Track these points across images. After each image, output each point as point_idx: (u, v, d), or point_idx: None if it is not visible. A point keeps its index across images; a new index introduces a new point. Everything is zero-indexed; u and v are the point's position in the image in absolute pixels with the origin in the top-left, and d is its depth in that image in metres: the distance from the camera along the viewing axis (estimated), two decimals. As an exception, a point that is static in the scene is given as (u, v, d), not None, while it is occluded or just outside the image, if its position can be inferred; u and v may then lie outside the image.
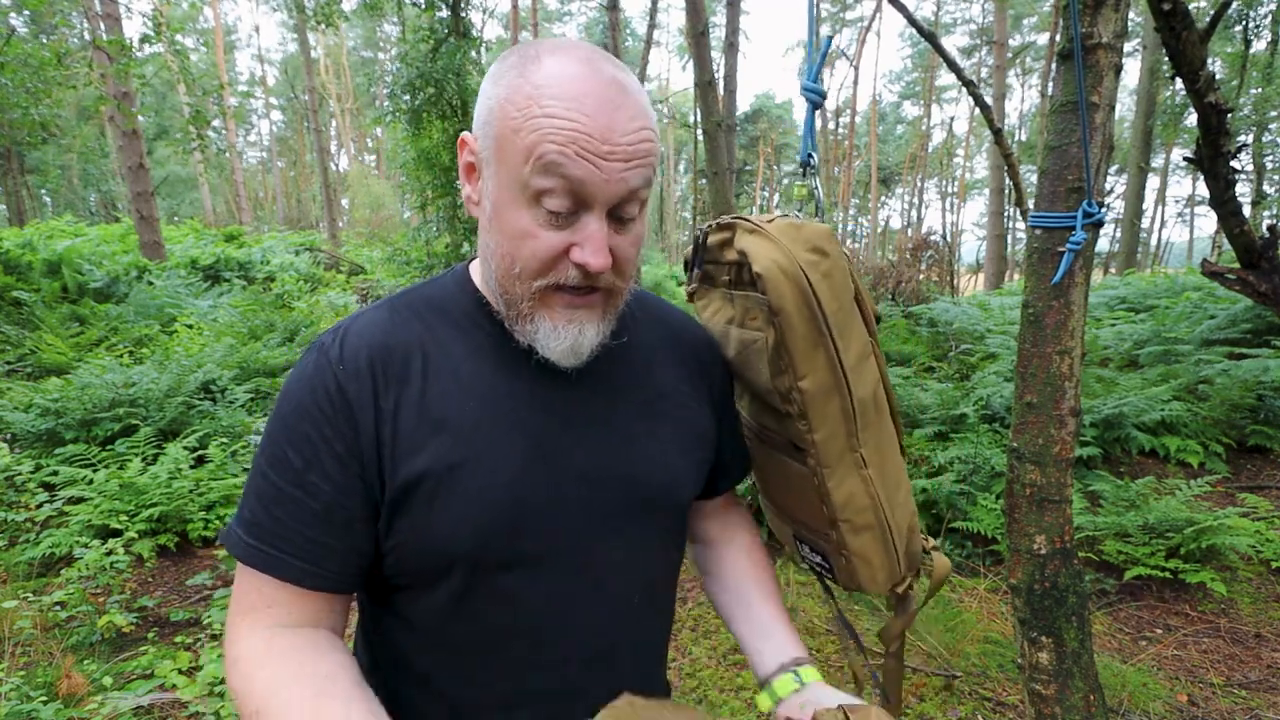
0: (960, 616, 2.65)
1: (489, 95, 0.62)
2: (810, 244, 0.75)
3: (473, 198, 0.67)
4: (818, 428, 0.78)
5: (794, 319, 0.74)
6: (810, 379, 0.76)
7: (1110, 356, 5.43)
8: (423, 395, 0.65)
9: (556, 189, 0.59)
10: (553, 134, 0.58)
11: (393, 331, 0.68)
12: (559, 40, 0.63)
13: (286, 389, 0.66)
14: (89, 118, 19.28)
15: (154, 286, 7.87)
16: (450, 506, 0.63)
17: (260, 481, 0.64)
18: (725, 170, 6.00)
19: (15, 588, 2.89)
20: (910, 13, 2.29)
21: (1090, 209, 1.26)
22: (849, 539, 0.83)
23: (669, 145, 40.14)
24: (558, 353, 0.66)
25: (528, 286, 0.64)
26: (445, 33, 7.70)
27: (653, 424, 0.75)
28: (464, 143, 0.66)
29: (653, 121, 0.63)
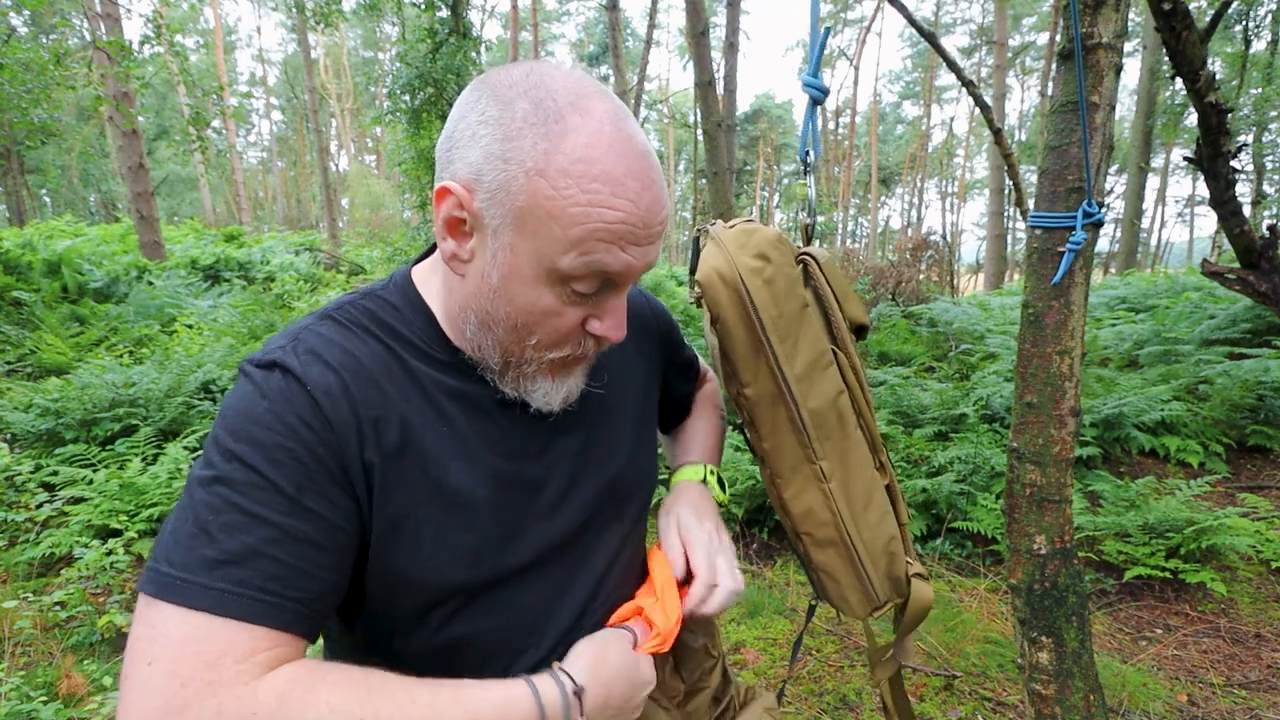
0: (960, 616, 2.65)
1: (504, 158, 0.56)
2: (757, 250, 0.75)
3: (461, 256, 0.61)
4: (766, 436, 0.78)
5: (732, 325, 0.74)
6: (753, 387, 0.76)
7: (1110, 356, 5.43)
8: (403, 421, 0.61)
9: (593, 273, 0.58)
10: (602, 230, 0.56)
11: (351, 349, 0.62)
12: (575, 86, 0.58)
13: (245, 409, 0.57)
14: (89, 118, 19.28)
15: (154, 286, 7.87)
16: (440, 542, 0.62)
17: (231, 515, 0.53)
18: (725, 170, 6.00)
19: (15, 588, 2.89)
20: (910, 13, 2.29)
21: (1090, 209, 1.25)
22: (813, 553, 0.82)
23: (669, 145, 40.14)
24: (551, 404, 0.67)
25: (541, 355, 0.63)
26: (445, 33, 7.70)
27: (625, 427, 0.77)
28: (448, 194, 0.59)
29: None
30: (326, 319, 0.64)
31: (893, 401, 4.33)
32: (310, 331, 0.63)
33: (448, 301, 0.66)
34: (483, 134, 0.57)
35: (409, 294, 0.68)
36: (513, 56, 22.00)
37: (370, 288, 0.69)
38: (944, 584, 2.96)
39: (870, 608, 0.84)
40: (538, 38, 27.46)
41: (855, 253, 10.43)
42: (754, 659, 2.54)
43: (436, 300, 0.68)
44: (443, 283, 0.67)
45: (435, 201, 0.60)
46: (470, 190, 0.58)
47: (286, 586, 0.54)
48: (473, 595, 0.65)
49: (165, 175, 28.00)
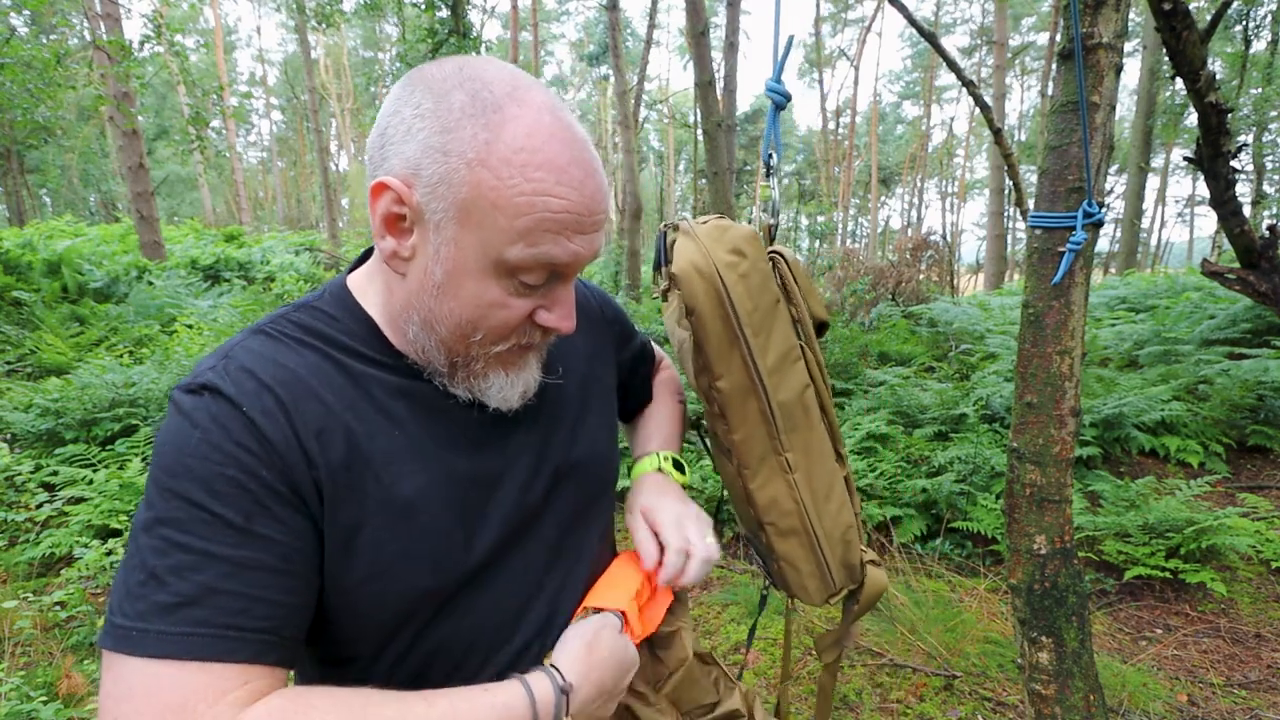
0: (960, 616, 2.65)
1: (443, 150, 0.55)
2: (731, 245, 0.77)
3: (401, 254, 0.59)
4: (736, 428, 0.80)
5: (707, 319, 0.76)
6: (726, 379, 0.78)
7: (1110, 356, 5.43)
8: (348, 431, 0.59)
9: (540, 264, 0.58)
10: (548, 220, 0.56)
11: (286, 363, 0.59)
12: (511, 78, 0.57)
13: (179, 444, 0.54)
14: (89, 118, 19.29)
15: (154, 286, 7.87)
16: (399, 550, 0.60)
17: (178, 556, 0.51)
18: (725, 170, 6.00)
19: (15, 588, 2.89)
20: (910, 13, 2.29)
21: (1090, 209, 1.25)
22: (776, 543, 0.84)
23: (669, 145, 40.12)
24: (509, 401, 0.65)
25: (487, 350, 0.62)
26: (445, 33, 7.70)
27: (581, 415, 0.77)
28: (385, 190, 0.57)
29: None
30: (258, 334, 0.62)
31: (893, 401, 4.33)
32: (241, 348, 0.60)
33: (389, 304, 0.64)
34: (419, 127, 0.56)
35: (345, 302, 0.66)
36: (513, 57, 21.98)
37: (304, 300, 0.67)
38: (944, 584, 2.96)
39: (827, 594, 0.86)
40: (538, 38, 27.46)
41: (855, 253, 10.44)
42: (754, 659, 2.54)
43: (376, 306, 0.65)
44: (383, 285, 0.64)
45: (370, 198, 0.58)
46: (409, 185, 0.56)
47: (250, 618, 0.52)
48: (442, 601, 0.63)
49: (165, 175, 28.00)
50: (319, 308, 0.65)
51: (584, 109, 45.73)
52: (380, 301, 0.65)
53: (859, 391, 4.72)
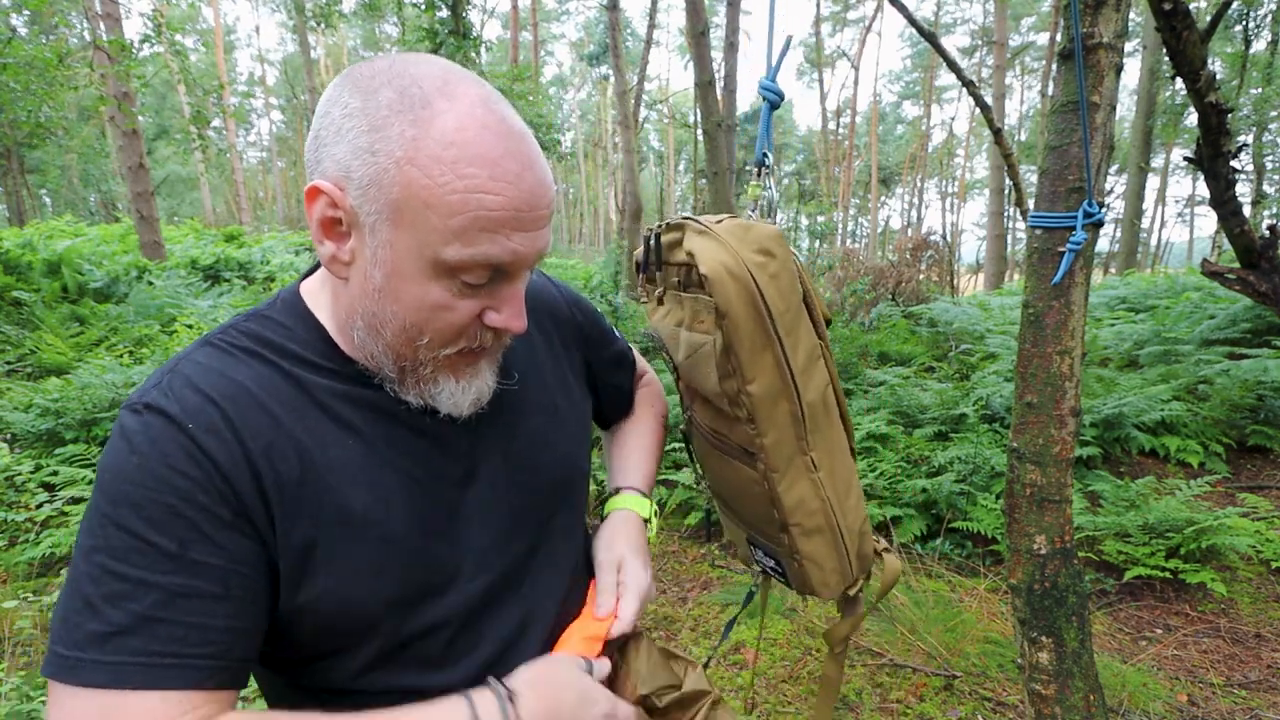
0: (960, 616, 2.65)
1: (372, 150, 0.53)
2: (758, 245, 0.75)
3: (342, 258, 0.58)
4: (766, 431, 0.78)
5: (741, 321, 0.73)
6: (758, 382, 0.76)
7: (1110, 356, 5.43)
8: (299, 445, 0.57)
9: (478, 264, 0.55)
10: (483, 218, 0.53)
11: (233, 376, 0.58)
12: (442, 72, 0.55)
13: (117, 469, 0.52)
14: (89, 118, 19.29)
15: (154, 286, 7.87)
16: (359, 562, 0.58)
17: (113, 585, 0.50)
18: (725, 170, 6.00)
19: (15, 588, 2.89)
20: (910, 13, 2.29)
21: (1090, 209, 1.25)
22: (800, 543, 0.83)
23: (669, 145, 40.11)
24: (460, 407, 0.63)
25: (434, 354, 0.60)
26: (445, 33, 7.70)
27: (546, 419, 0.75)
28: (318, 194, 0.55)
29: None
30: (206, 345, 0.60)
31: (893, 401, 4.33)
32: (188, 362, 0.58)
33: (335, 310, 0.62)
34: (348, 127, 0.54)
35: (298, 309, 0.64)
36: (513, 57, 21.99)
37: (256, 309, 0.65)
38: (944, 584, 2.96)
39: (844, 587, 0.87)
40: (538, 38, 27.46)
41: (855, 253, 10.44)
42: (753, 659, 2.54)
43: (326, 312, 0.64)
44: (331, 292, 0.63)
45: (306, 203, 0.57)
46: (341, 188, 0.55)
47: (187, 645, 0.51)
48: (407, 610, 0.62)
49: (165, 175, 28.01)
50: (270, 316, 0.63)
51: (584, 109, 45.74)
52: (331, 308, 0.63)
53: (859, 391, 4.72)
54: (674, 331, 0.83)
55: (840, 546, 0.84)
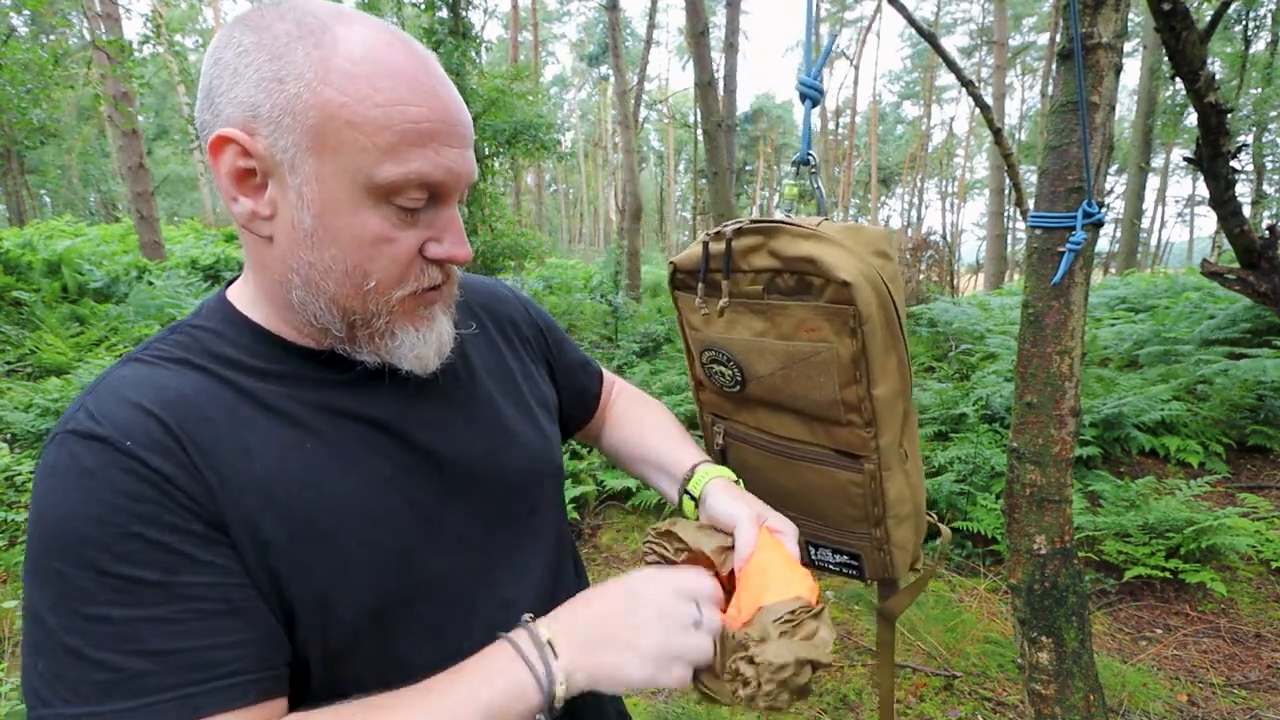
0: (960, 616, 2.65)
1: (278, 78, 0.49)
2: (874, 247, 0.74)
3: (261, 212, 0.52)
4: (884, 432, 0.77)
5: (877, 327, 0.72)
6: (884, 385, 0.75)
7: (1110, 356, 5.43)
8: (248, 451, 0.52)
9: (413, 182, 0.52)
10: (410, 131, 0.51)
11: (168, 385, 0.52)
12: (333, 6, 0.53)
13: (62, 510, 0.46)
14: (89, 118, 19.29)
15: (154, 286, 7.87)
16: (329, 573, 0.53)
17: (102, 630, 0.45)
18: (725, 170, 6.01)
19: (15, 588, 2.89)
20: (910, 13, 2.29)
21: (1090, 209, 1.25)
22: (894, 532, 0.84)
23: (669, 145, 40.11)
24: (426, 359, 0.59)
25: (385, 299, 0.55)
26: (444, 33, 7.70)
27: (511, 416, 0.71)
28: (225, 144, 0.51)
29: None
30: (130, 363, 0.55)
31: (893, 401, 4.33)
32: (113, 379, 0.53)
33: (266, 285, 0.57)
34: (245, 64, 0.50)
35: (227, 313, 0.59)
36: (513, 57, 21.99)
37: (178, 323, 0.59)
38: (944, 584, 2.96)
39: (913, 563, 0.90)
40: (538, 37, 27.46)
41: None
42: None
43: (258, 305, 0.59)
44: (255, 269, 0.57)
45: (211, 160, 0.51)
46: (250, 131, 0.50)
47: (212, 668, 0.47)
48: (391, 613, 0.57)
49: (165, 175, 28.01)
50: (197, 325, 0.58)
51: (584, 109, 45.73)
52: (260, 293, 0.58)
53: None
54: (754, 343, 0.78)
55: (921, 527, 0.88)
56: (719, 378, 0.85)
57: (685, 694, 1.78)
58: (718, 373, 0.84)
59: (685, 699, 2.35)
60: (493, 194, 9.25)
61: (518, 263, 9.77)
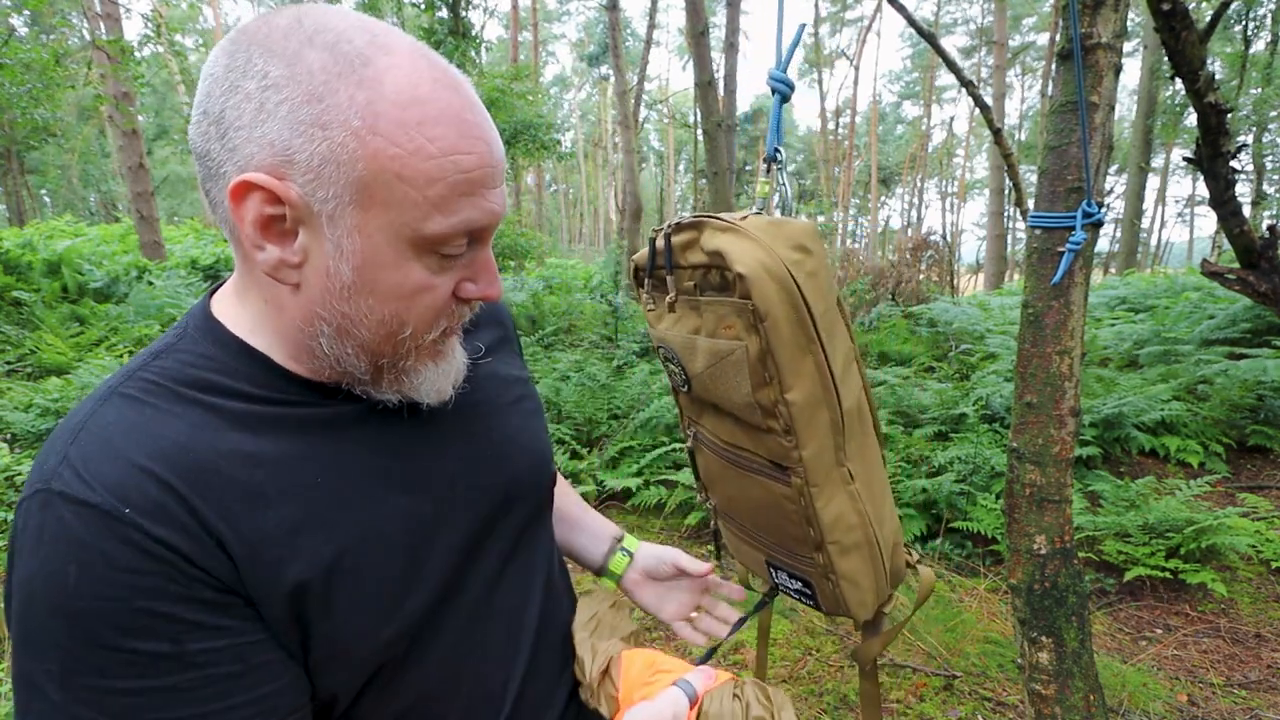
0: (960, 616, 2.65)
1: (319, 123, 0.45)
2: (793, 241, 0.69)
3: (290, 261, 0.49)
4: (806, 443, 0.71)
5: (781, 323, 0.67)
6: (798, 389, 0.69)
7: (1110, 356, 5.43)
8: (257, 498, 0.49)
9: (460, 231, 0.50)
10: (462, 182, 0.48)
11: (163, 432, 0.48)
12: (360, 22, 0.48)
13: (59, 584, 0.43)
14: (89, 118, 19.30)
15: (154, 286, 7.87)
16: (352, 604, 0.52)
17: (116, 701, 0.43)
18: (725, 170, 6.01)
19: (15, 588, 2.89)
20: (910, 13, 2.29)
21: (1090, 209, 1.26)
22: (837, 561, 0.76)
23: (669, 145, 40.12)
24: (443, 392, 0.59)
25: (417, 343, 0.54)
26: (444, 33, 7.70)
27: (509, 418, 0.71)
28: (253, 190, 0.46)
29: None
30: (113, 398, 0.49)
31: (893, 401, 4.33)
32: (96, 424, 0.47)
33: (280, 323, 0.53)
34: (275, 100, 0.45)
35: (217, 335, 0.54)
36: (513, 57, 21.98)
37: (162, 345, 0.54)
38: (944, 584, 2.96)
39: (879, 605, 0.81)
40: (538, 38, 27.46)
41: (855, 253, 10.43)
42: (754, 659, 2.54)
43: (258, 331, 0.54)
44: (266, 304, 0.53)
45: (231, 204, 0.47)
46: (280, 176, 0.46)
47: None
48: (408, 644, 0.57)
49: (165, 175, 28.00)
50: (184, 350, 0.53)
51: (584, 109, 45.73)
52: (266, 324, 0.54)
53: (859, 391, 4.72)
54: (689, 340, 0.76)
55: (878, 561, 0.78)
56: (672, 376, 0.83)
57: None
58: (670, 371, 0.83)
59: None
60: (493, 194, 9.21)
61: (518, 263, 9.77)
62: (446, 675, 0.60)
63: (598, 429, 4.32)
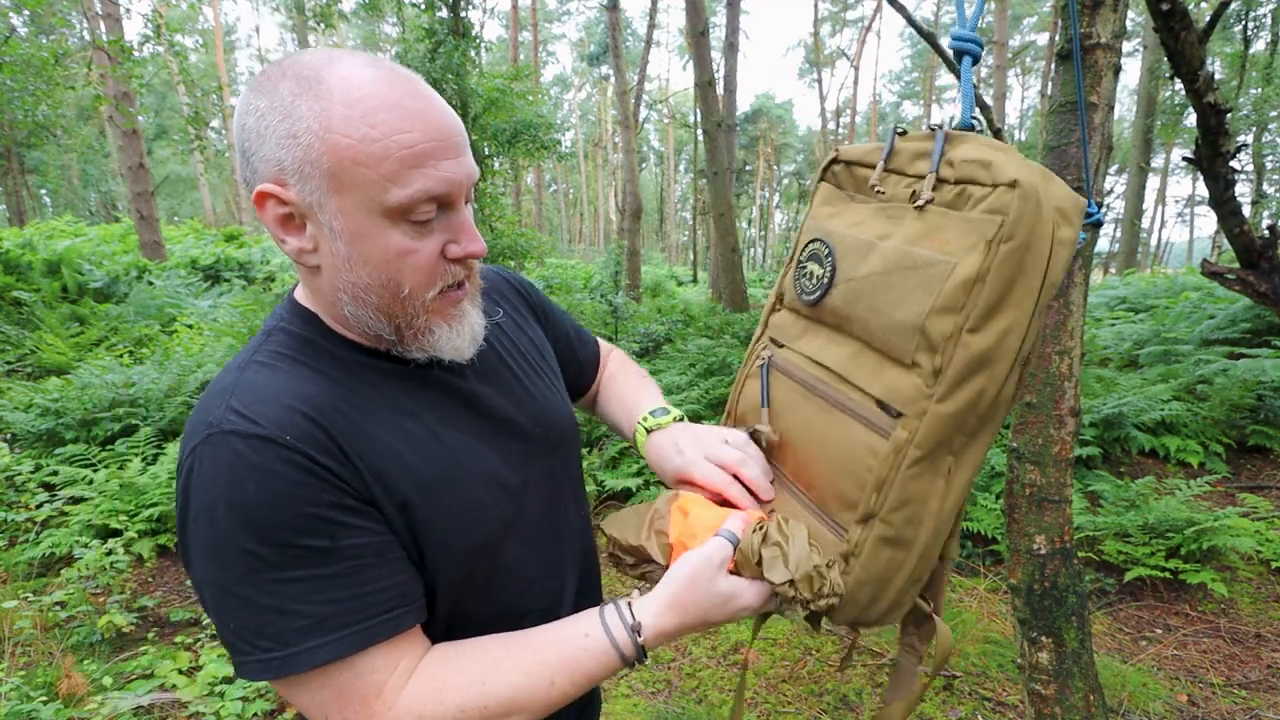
0: (960, 616, 2.65)
1: (292, 135, 0.58)
2: (1059, 202, 0.60)
3: (306, 247, 0.62)
4: (949, 396, 0.61)
5: (1018, 256, 0.58)
6: (984, 336, 0.60)
7: (1110, 356, 5.43)
8: (369, 434, 0.63)
9: (420, 199, 0.60)
10: (407, 156, 0.58)
11: (297, 383, 0.62)
12: (326, 54, 0.61)
13: (239, 501, 0.56)
14: (89, 118, 19.30)
15: (154, 286, 7.87)
16: (450, 515, 0.66)
17: (293, 589, 0.57)
18: (725, 170, 6.01)
19: (15, 588, 2.89)
20: (910, 13, 2.29)
21: (1089, 209, 1.25)
22: (871, 547, 0.66)
23: (669, 145, 40.11)
24: (461, 350, 0.69)
25: (420, 301, 0.65)
26: (444, 33, 7.70)
27: (538, 379, 0.83)
28: (267, 197, 0.61)
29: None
30: (251, 365, 0.64)
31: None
32: (247, 383, 0.62)
33: (322, 303, 0.68)
34: (264, 127, 0.59)
35: (308, 317, 0.69)
36: (513, 57, 21.99)
37: (270, 326, 0.69)
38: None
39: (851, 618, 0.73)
40: (538, 38, 27.46)
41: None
42: (754, 659, 2.54)
43: (315, 309, 0.69)
44: (311, 289, 0.68)
45: (259, 212, 0.62)
46: (282, 183, 0.60)
47: (379, 606, 0.60)
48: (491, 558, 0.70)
49: (165, 175, 27.99)
50: (287, 328, 0.68)
51: (584, 109, 45.73)
52: (322, 308, 0.68)
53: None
54: (868, 243, 0.68)
55: (904, 577, 0.67)
56: (806, 281, 0.76)
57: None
58: (809, 272, 0.76)
59: (685, 699, 2.35)
60: (493, 194, 9.25)
61: (518, 263, 9.77)
62: (521, 584, 0.74)
63: (598, 429, 4.32)
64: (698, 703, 2.33)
